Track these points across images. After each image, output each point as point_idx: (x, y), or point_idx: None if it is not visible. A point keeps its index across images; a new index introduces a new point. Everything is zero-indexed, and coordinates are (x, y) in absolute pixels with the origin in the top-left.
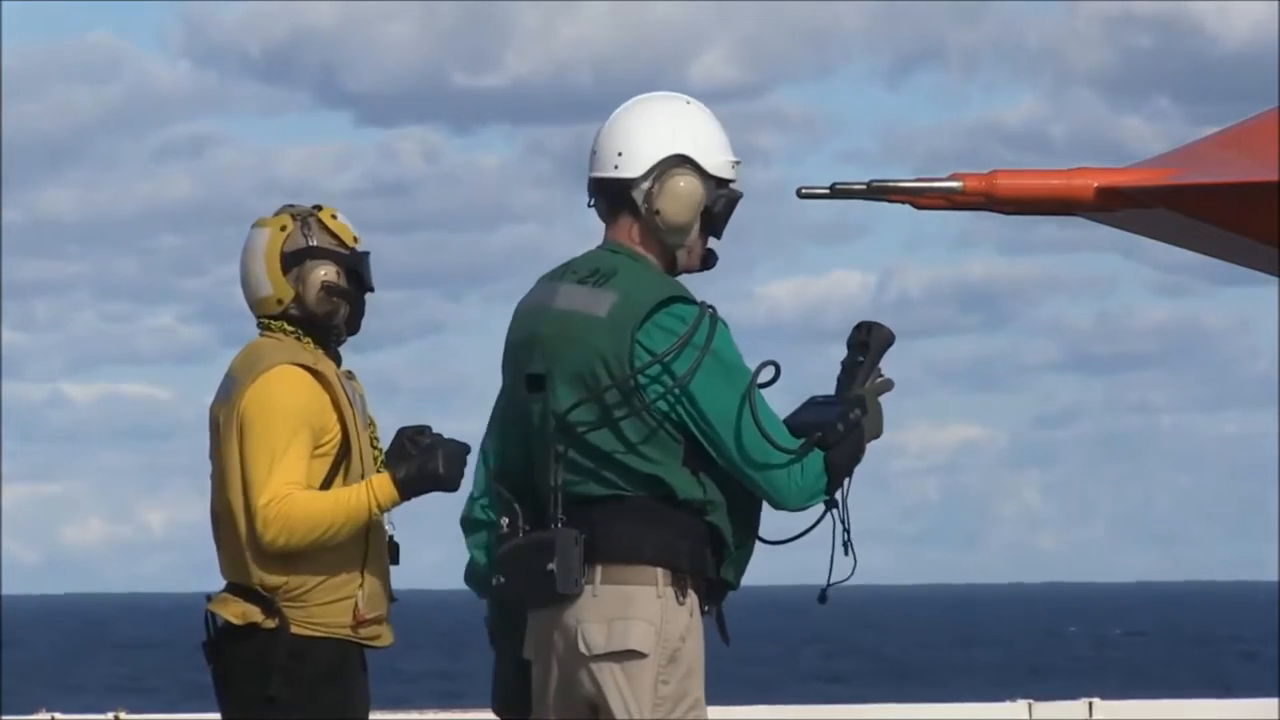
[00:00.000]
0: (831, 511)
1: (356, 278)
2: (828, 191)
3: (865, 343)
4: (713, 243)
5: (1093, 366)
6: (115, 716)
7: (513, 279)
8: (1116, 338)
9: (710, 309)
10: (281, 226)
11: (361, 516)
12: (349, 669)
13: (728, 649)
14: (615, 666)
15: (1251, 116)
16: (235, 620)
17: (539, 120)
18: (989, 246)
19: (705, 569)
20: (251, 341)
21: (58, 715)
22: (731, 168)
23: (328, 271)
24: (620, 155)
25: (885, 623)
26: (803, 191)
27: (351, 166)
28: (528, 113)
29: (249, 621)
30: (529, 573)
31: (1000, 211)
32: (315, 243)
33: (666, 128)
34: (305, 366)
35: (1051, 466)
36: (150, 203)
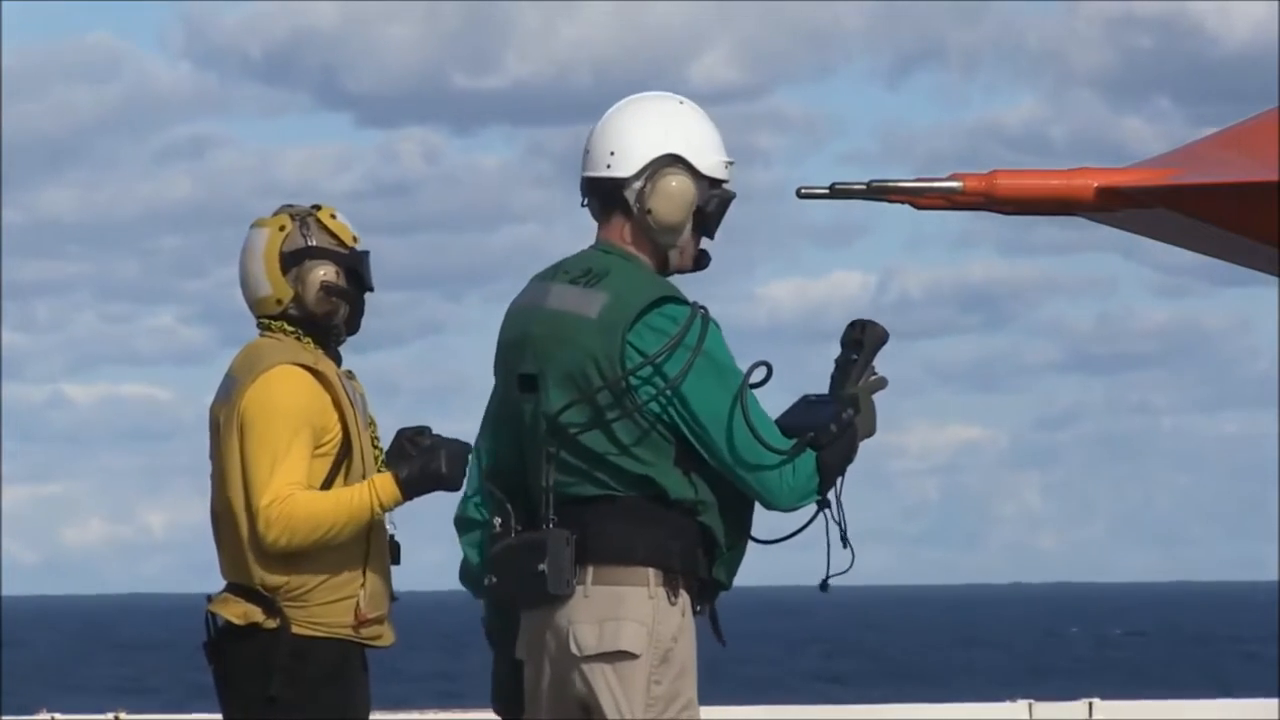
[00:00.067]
0: (824, 511)
1: (356, 277)
2: (827, 191)
3: (859, 340)
4: (705, 243)
5: (1093, 367)
6: (115, 717)
7: (513, 280)
8: (1117, 338)
9: (702, 309)
10: (280, 226)
11: (364, 517)
12: (350, 669)
13: (729, 649)
14: (607, 667)
15: (1251, 116)
16: (237, 620)
17: (539, 121)
18: (989, 247)
19: (697, 569)
20: (251, 342)
21: (58, 715)
22: (724, 168)
23: (326, 271)
24: (613, 155)
25: (886, 623)
26: (802, 191)
27: (352, 168)
28: (528, 114)
29: (250, 622)
30: (521, 573)
31: (1000, 211)
32: (314, 242)
33: (659, 127)
34: (306, 366)
35: (1052, 467)
36: (151, 204)
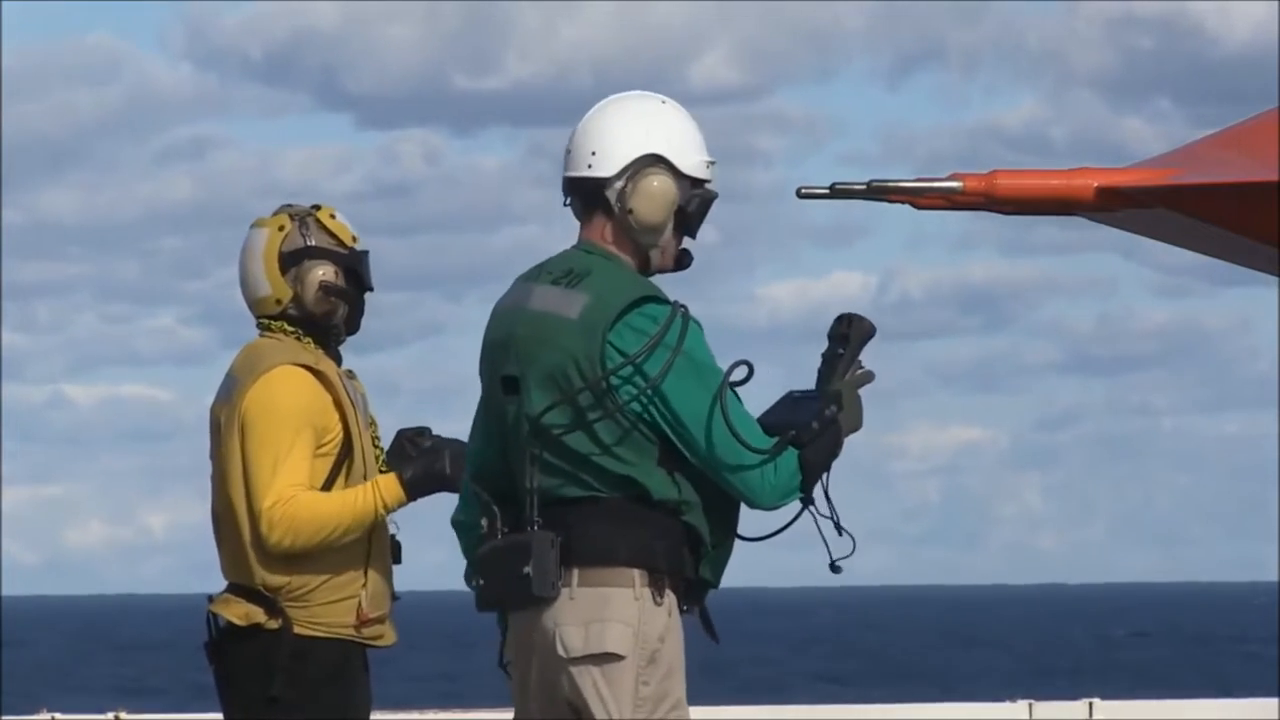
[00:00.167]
0: (809, 508)
1: (355, 277)
2: (827, 191)
3: (846, 335)
4: (688, 242)
5: (1093, 368)
6: (115, 717)
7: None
8: (1117, 339)
9: (682, 308)
10: (280, 227)
11: (368, 518)
12: (351, 669)
13: (730, 650)
14: (594, 669)
15: (1251, 116)
16: (238, 621)
17: (540, 122)
18: (989, 248)
19: (683, 568)
20: (251, 342)
21: (58, 715)
22: (706, 168)
23: (326, 271)
24: (594, 154)
25: (886, 623)
26: (802, 191)
27: (352, 169)
28: (528, 115)
29: (252, 622)
30: (507, 575)
31: (1000, 212)
32: (313, 242)
33: (640, 127)
34: (306, 366)
35: (1052, 468)
36: (151, 205)
